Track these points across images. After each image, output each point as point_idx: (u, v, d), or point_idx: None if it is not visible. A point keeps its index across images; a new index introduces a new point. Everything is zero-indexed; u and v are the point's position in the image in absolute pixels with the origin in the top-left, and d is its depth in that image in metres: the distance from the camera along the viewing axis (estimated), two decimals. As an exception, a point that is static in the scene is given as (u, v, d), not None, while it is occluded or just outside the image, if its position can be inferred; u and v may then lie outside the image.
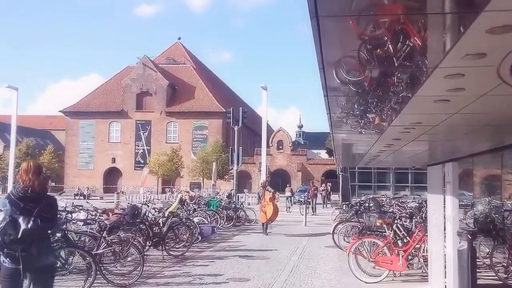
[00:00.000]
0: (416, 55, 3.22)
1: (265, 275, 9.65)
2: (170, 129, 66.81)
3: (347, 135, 10.53)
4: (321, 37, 2.99)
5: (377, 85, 4.25)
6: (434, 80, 3.52)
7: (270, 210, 17.18)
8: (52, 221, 4.75)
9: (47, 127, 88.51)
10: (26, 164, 4.74)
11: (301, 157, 65.22)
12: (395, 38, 2.96)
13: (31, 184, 4.62)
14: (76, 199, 45.15)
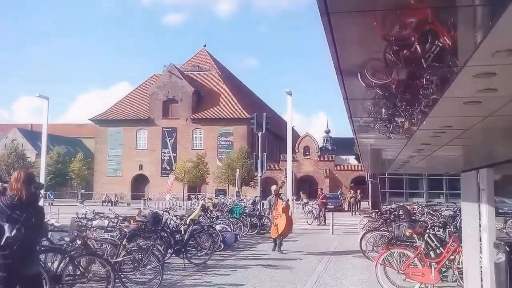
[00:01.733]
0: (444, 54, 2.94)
1: (288, 286, 9.24)
2: (196, 135, 67.10)
3: (373, 140, 10.08)
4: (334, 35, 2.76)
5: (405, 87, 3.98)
6: (462, 80, 3.17)
7: (282, 222, 14.24)
8: (38, 231, 4.50)
9: (78, 135, 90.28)
10: (17, 173, 4.64)
11: (328, 163, 64.42)
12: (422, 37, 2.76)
13: (19, 193, 4.48)
14: (104, 205, 45.61)
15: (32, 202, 4.52)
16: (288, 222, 14.50)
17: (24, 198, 4.46)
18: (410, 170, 18.31)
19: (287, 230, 14.69)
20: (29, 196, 4.48)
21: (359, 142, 11.16)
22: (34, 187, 4.56)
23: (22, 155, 68.89)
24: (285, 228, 14.30)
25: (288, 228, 14.61)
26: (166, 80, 67.19)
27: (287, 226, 14.40)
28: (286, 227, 14.35)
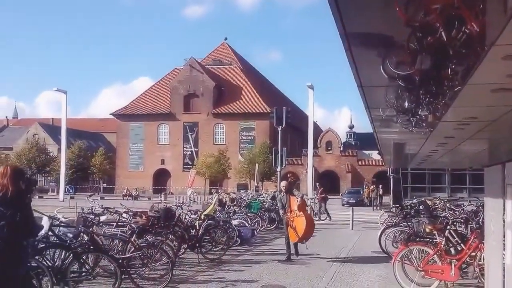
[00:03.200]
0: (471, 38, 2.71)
1: (302, 282, 8.99)
2: (217, 130, 67.08)
3: (394, 134, 9.72)
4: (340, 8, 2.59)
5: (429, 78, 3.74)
6: (490, 62, 2.85)
7: (301, 223, 11.79)
8: (26, 229, 4.27)
9: (99, 130, 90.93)
10: (3, 168, 4.39)
11: (351, 158, 63.77)
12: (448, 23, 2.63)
13: (4, 189, 4.25)
14: (125, 199, 45.85)
15: (20, 199, 4.29)
16: (309, 221, 12.19)
17: (9, 194, 4.23)
18: (432, 164, 17.83)
19: (309, 232, 12.10)
20: (16, 192, 4.25)
21: (378, 136, 10.81)
22: (23, 183, 4.33)
23: (44, 149, 69.56)
24: (306, 229, 11.78)
25: (310, 229, 12.09)
26: (187, 74, 67.16)
27: (308, 226, 11.87)
28: (307, 228, 11.83)
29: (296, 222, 11.85)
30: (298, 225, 11.82)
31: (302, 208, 12.02)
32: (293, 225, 11.88)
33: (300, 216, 11.84)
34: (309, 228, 11.96)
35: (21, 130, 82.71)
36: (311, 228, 12.30)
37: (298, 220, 11.82)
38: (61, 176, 47.82)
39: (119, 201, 37.14)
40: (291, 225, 11.91)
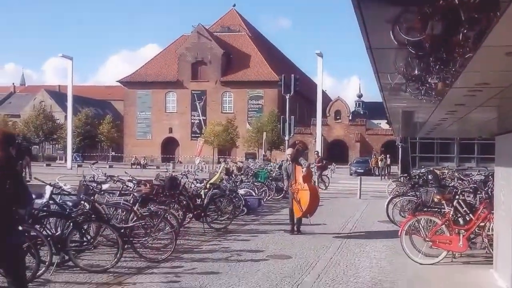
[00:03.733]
0: None
1: (308, 253, 8.86)
2: (225, 99, 66.70)
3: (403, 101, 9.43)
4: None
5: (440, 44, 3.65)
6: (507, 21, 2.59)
7: (305, 196, 10.79)
8: (15, 198, 4.10)
9: (107, 98, 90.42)
10: None
11: (360, 127, 63.40)
12: None
13: None
14: (133, 168, 46.04)
15: (9, 165, 4.08)
16: (314, 194, 11.04)
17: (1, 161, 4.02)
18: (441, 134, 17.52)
19: (313, 205, 11.05)
20: (5, 158, 4.04)
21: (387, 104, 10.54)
22: (14, 149, 4.12)
23: (51, 116, 69.37)
24: (310, 203, 10.76)
25: (314, 202, 11.04)
26: (194, 42, 66.38)
27: (312, 199, 10.85)
28: (312, 201, 10.82)
29: (300, 195, 10.86)
30: (302, 198, 10.82)
31: (307, 179, 11.00)
32: (297, 198, 10.89)
33: (304, 188, 10.83)
34: (313, 201, 10.88)
35: (28, 97, 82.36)
36: (316, 202, 11.20)
37: (302, 193, 10.83)
38: (68, 144, 47.93)
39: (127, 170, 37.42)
40: (295, 197, 10.93)
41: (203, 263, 7.95)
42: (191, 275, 7.14)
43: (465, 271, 7.70)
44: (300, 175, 10.92)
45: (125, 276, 7.10)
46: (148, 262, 7.91)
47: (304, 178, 10.89)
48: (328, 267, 7.83)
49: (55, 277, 6.87)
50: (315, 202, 11.12)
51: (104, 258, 7.94)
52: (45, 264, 6.73)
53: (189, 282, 6.76)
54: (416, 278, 7.20)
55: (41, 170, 30.09)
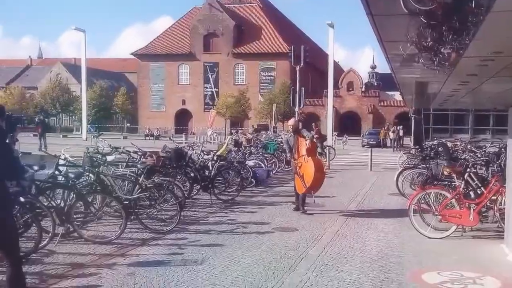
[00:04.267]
0: None
1: (315, 225, 8.74)
2: (238, 70, 66.59)
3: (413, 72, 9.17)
4: None
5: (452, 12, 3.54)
6: None
7: (310, 170, 9.76)
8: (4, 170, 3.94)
9: (121, 70, 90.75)
10: None
11: (372, 99, 62.82)
12: None
13: None
14: (147, 139, 46.36)
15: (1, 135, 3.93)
16: (318, 168, 9.97)
17: None
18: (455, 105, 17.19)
19: (317, 181, 9.96)
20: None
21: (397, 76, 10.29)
22: (3, 121, 3.98)
23: (67, 89, 70.10)
24: (315, 178, 9.72)
25: (319, 177, 9.96)
26: (206, 13, 66.01)
27: (317, 174, 9.79)
28: (316, 176, 9.75)
29: (304, 169, 9.89)
30: (305, 173, 9.83)
31: (311, 151, 9.94)
32: (300, 173, 9.95)
33: (308, 162, 9.84)
34: (317, 176, 9.80)
35: (45, 70, 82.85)
36: (320, 177, 10.06)
37: (306, 167, 9.85)
38: (83, 115, 48.28)
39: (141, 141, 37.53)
40: (298, 172, 10.02)
41: (207, 235, 7.88)
42: (195, 247, 7.08)
43: (475, 245, 7.52)
44: (303, 148, 9.95)
45: (129, 248, 7.06)
46: (153, 233, 7.87)
47: (308, 151, 9.86)
48: (334, 240, 7.70)
49: (59, 248, 6.87)
50: (319, 177, 9.97)
51: (109, 229, 7.91)
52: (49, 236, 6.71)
53: (192, 254, 6.70)
54: (424, 252, 7.04)
55: (57, 141, 30.34)
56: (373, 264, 6.34)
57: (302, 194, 10.11)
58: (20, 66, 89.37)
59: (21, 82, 78.66)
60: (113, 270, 5.90)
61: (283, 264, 6.26)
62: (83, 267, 6.05)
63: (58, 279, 5.58)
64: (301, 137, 10.08)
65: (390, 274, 5.92)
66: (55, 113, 70.50)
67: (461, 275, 5.92)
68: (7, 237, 4.03)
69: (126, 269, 5.95)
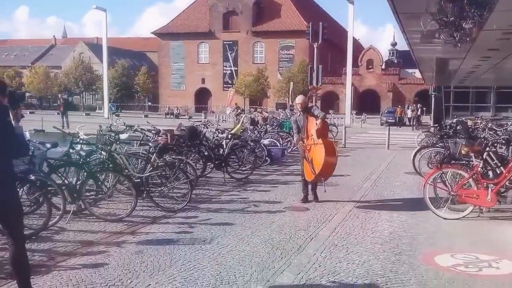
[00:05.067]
0: None
1: (327, 205, 8.60)
2: (257, 49, 66.34)
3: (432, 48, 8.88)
4: None
5: None
6: None
7: (319, 155, 8.50)
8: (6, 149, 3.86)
9: (142, 49, 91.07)
10: None
11: (392, 77, 61.94)
12: None
13: None
14: (167, 118, 46.65)
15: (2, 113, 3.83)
16: (330, 152, 8.58)
17: None
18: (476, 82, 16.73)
19: (328, 167, 8.65)
20: None
21: (416, 54, 10.00)
22: (5, 98, 3.88)
23: (89, 68, 70.76)
24: (325, 164, 8.43)
25: (330, 162, 8.63)
26: (225, -9, 65.45)
27: (328, 159, 8.48)
28: (327, 162, 8.45)
29: (313, 153, 8.66)
30: (315, 157, 8.61)
31: (321, 133, 8.60)
32: (309, 157, 8.73)
33: (318, 145, 8.54)
34: (328, 162, 8.50)
35: (68, 49, 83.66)
36: (332, 162, 8.70)
37: (316, 150, 8.60)
38: (105, 94, 48.68)
39: (162, 120, 37.66)
40: (306, 156, 8.79)
41: (218, 214, 7.83)
42: (205, 225, 7.03)
43: (492, 226, 7.33)
44: (313, 128, 8.64)
45: (139, 226, 7.05)
46: (164, 211, 7.86)
47: (318, 132, 8.53)
48: (346, 220, 7.57)
49: (70, 226, 6.92)
50: (331, 162, 8.65)
51: (121, 207, 7.94)
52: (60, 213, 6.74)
53: (201, 233, 6.65)
54: (439, 234, 6.86)
55: (80, 119, 30.66)
56: (385, 245, 6.19)
57: (311, 181, 8.97)
58: (44, 46, 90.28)
59: (45, 62, 79.59)
60: (122, 248, 5.89)
61: (292, 244, 6.17)
62: (92, 245, 6.05)
63: (66, 256, 5.58)
64: (311, 117, 8.72)
65: (402, 256, 5.77)
66: (78, 92, 71.46)
67: (476, 258, 5.75)
68: (11, 216, 4.01)
69: (134, 247, 5.94)
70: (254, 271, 5.13)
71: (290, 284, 4.83)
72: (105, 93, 48.36)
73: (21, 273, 4.08)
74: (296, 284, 4.82)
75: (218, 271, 5.11)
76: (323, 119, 8.66)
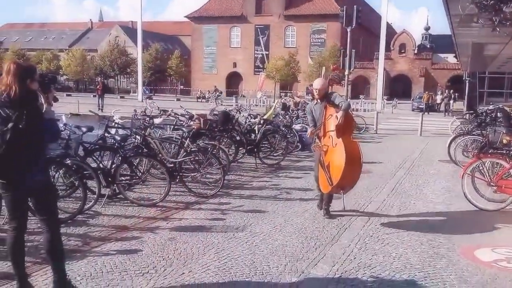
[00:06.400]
0: None
1: (359, 193, 8.43)
2: (288, 33, 66.11)
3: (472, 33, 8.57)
4: None
5: None
6: None
7: (339, 159, 6.37)
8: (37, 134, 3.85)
9: (176, 33, 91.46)
10: (7, 65, 3.79)
11: (425, 62, 60.66)
12: None
13: (8, 89, 3.73)
14: (198, 101, 46.91)
15: (28, 99, 3.80)
16: (352, 156, 6.36)
17: (14, 94, 3.72)
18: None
19: (350, 176, 6.47)
20: (23, 92, 3.75)
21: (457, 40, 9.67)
22: (33, 82, 3.84)
23: (124, 51, 71.57)
24: (345, 172, 6.24)
25: (353, 171, 6.46)
26: (259, -26, 65.06)
27: (349, 168, 6.27)
28: (347, 170, 6.25)
29: (330, 156, 6.54)
30: (332, 162, 6.48)
31: (343, 130, 6.37)
32: (325, 161, 6.60)
33: (337, 145, 6.37)
34: (350, 170, 6.25)
35: (104, 33, 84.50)
36: (354, 171, 6.46)
37: (334, 153, 6.45)
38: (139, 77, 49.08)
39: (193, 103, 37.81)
40: (322, 161, 6.67)
41: (250, 201, 7.78)
42: (237, 212, 7.00)
43: (533, 219, 7.08)
44: (331, 123, 6.46)
45: (172, 211, 7.07)
46: (196, 197, 7.86)
47: (339, 129, 6.33)
48: (380, 210, 7.43)
49: (105, 210, 6.98)
50: (353, 170, 6.42)
51: (154, 191, 7.98)
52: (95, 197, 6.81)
53: (233, 220, 6.62)
54: (478, 226, 6.63)
55: (114, 102, 31.07)
56: (421, 237, 6.02)
57: (326, 193, 6.87)
58: (81, 29, 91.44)
59: (82, 45, 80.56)
60: (155, 235, 5.90)
61: (326, 234, 6.07)
62: (126, 230, 6.07)
63: (101, 241, 5.61)
64: (331, 107, 6.54)
65: (440, 249, 5.61)
66: (113, 75, 72.44)
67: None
68: (46, 198, 4.04)
69: (167, 234, 5.94)
70: (288, 262, 5.06)
71: (325, 276, 4.75)
72: (139, 76, 48.80)
73: (55, 258, 4.09)
74: (331, 277, 4.74)
75: (251, 261, 5.07)
76: (346, 111, 6.39)
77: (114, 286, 4.40)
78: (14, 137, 3.64)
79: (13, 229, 3.95)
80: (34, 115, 3.76)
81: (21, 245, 4.03)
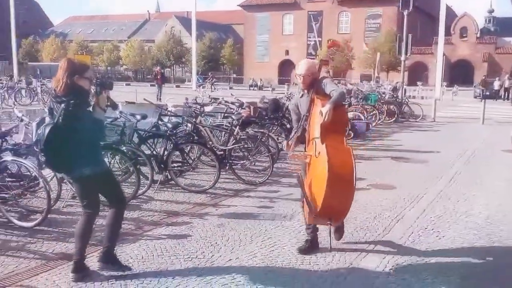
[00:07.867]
0: None
1: (415, 183, 8.16)
2: (342, 19, 64.90)
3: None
4: None
5: None
6: None
7: (320, 177, 4.25)
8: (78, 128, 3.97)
9: (229, 22, 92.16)
10: (62, 61, 4.01)
11: (488, 46, 57.95)
12: None
13: (58, 84, 3.94)
14: (251, 90, 47.08)
15: (71, 93, 3.92)
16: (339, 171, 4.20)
17: (59, 89, 3.92)
18: None
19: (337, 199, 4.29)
20: (68, 87, 3.91)
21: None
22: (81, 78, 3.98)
23: (179, 41, 72.77)
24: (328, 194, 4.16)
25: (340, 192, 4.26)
26: (311, -41, 64.12)
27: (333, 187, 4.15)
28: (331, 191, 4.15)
29: (312, 171, 4.63)
30: (314, 179, 4.55)
31: (330, 132, 4.36)
32: (307, 180, 4.74)
33: (320, 155, 4.34)
34: (335, 190, 4.19)
35: (161, 23, 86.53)
36: (342, 189, 4.27)
37: (316, 167, 4.50)
38: (193, 66, 49.61)
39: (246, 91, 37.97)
40: (301, 178, 4.87)
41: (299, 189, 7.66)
42: (286, 201, 6.94)
43: None
44: (317, 123, 4.44)
45: (221, 198, 7.12)
46: (246, 184, 7.87)
47: (324, 130, 4.35)
48: (436, 201, 7.12)
49: (157, 195, 7.14)
50: (341, 189, 4.27)
51: (204, 178, 8.04)
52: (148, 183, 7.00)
53: (282, 208, 6.56)
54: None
55: (171, 91, 31.77)
56: (480, 231, 5.73)
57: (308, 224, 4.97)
58: (140, 20, 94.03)
59: (140, 36, 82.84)
60: (205, 221, 5.95)
61: (377, 225, 5.91)
62: (177, 216, 6.17)
63: (153, 226, 5.73)
64: (319, 99, 4.56)
65: (500, 244, 5.33)
66: (169, 65, 73.93)
67: None
68: (107, 184, 4.33)
69: (216, 220, 5.97)
70: (336, 252, 4.95)
71: (374, 269, 4.62)
72: (193, 65, 49.37)
73: (112, 231, 4.35)
74: (381, 270, 4.59)
75: (299, 250, 5.00)
76: (337, 104, 4.35)
77: (163, 269, 4.48)
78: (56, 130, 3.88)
79: (87, 213, 4.25)
80: (75, 111, 3.88)
81: (90, 227, 4.31)
